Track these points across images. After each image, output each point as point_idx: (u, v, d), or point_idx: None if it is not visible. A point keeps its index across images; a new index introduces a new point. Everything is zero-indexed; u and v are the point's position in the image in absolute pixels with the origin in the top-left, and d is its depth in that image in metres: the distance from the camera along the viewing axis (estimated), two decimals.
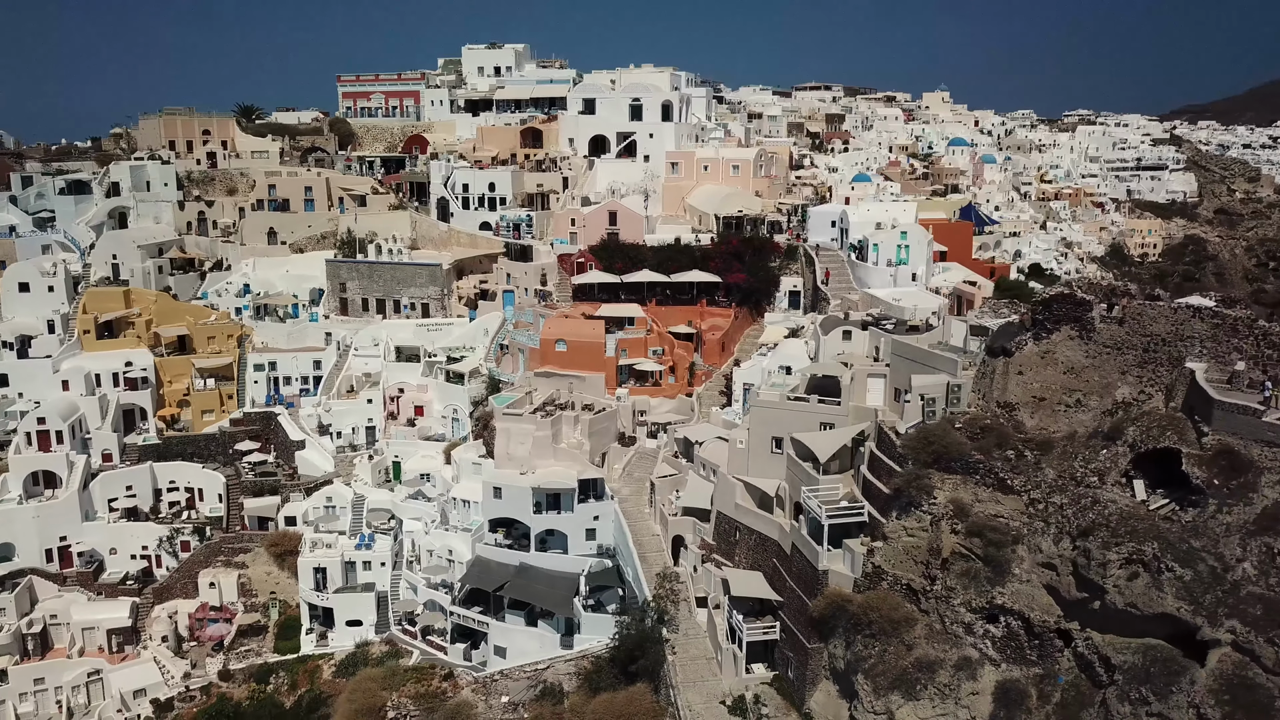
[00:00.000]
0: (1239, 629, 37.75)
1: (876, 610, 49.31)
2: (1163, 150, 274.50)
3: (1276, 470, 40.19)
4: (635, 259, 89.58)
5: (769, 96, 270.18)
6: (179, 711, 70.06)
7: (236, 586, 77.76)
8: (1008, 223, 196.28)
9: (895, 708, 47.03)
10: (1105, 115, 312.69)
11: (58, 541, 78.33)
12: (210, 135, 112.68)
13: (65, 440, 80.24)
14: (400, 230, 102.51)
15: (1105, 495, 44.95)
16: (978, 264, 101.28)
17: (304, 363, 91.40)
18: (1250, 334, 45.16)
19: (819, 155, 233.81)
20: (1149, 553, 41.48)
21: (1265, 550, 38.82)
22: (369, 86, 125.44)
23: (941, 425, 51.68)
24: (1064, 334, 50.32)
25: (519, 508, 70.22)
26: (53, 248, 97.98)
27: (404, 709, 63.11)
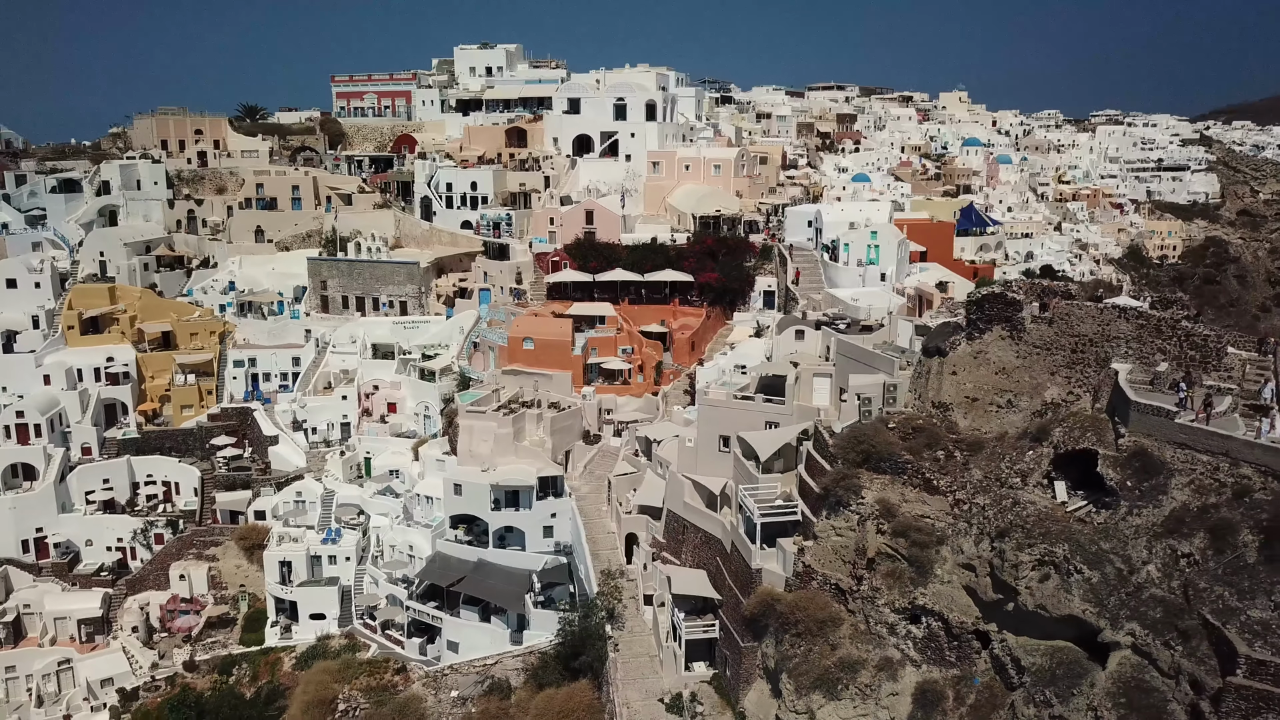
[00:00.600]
0: (1138, 632, 37.42)
1: (803, 610, 49.32)
2: (1191, 150, 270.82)
3: (1186, 473, 39.78)
4: (610, 258, 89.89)
5: (780, 96, 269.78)
6: (143, 701, 71.16)
7: (206, 579, 78.89)
8: (1019, 224, 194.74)
9: (816, 707, 47.00)
10: (1134, 115, 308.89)
11: (34, 533, 79.94)
12: (203, 135, 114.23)
13: (44, 433, 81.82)
14: (384, 229, 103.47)
15: (1025, 497, 44.69)
16: (959, 265, 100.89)
17: (283, 359, 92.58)
18: (1174, 335, 44.72)
19: (829, 155, 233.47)
20: (1059, 554, 41.24)
21: (1169, 553, 38.45)
22: (362, 87, 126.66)
23: (873, 425, 51.59)
24: (996, 334, 50.05)
25: (478, 504, 70.78)
26: (43, 245, 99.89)
27: (354, 702, 63.83)
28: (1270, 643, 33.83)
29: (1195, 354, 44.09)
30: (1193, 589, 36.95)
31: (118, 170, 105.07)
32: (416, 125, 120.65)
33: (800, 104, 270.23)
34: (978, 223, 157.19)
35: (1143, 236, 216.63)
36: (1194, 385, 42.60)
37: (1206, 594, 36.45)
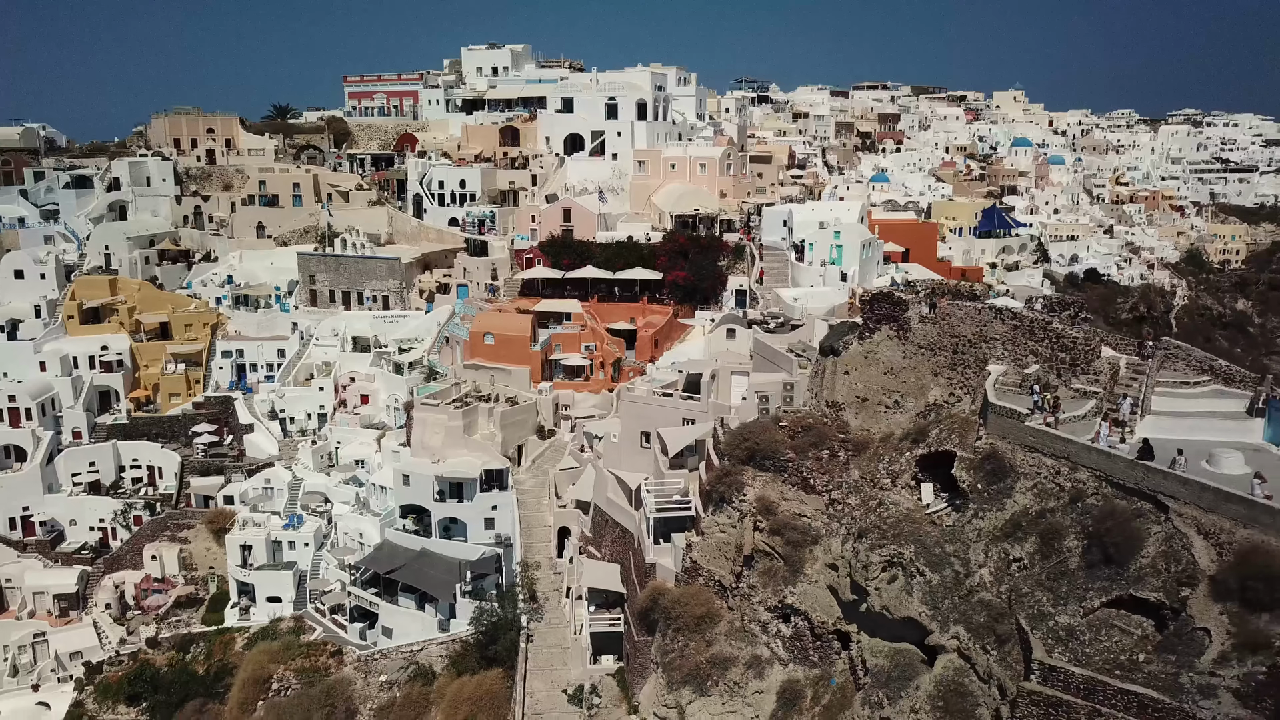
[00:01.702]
0: (962, 635, 37.06)
1: (684, 606, 49.65)
2: (1275, 151, 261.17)
3: (1032, 476, 39.19)
4: (583, 255, 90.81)
5: (823, 96, 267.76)
6: (106, 675, 74.14)
7: (178, 560, 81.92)
8: (1064, 226, 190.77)
9: (685, 702, 47.30)
10: (1215, 115, 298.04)
11: (20, 511, 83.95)
12: (215, 133, 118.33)
13: (34, 417, 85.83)
14: (378, 225, 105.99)
15: (891, 498, 44.37)
16: (943, 266, 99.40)
17: (269, 351, 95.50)
18: (1045, 336, 43.92)
19: (868, 155, 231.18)
20: (906, 556, 40.94)
21: (1003, 556, 37.96)
22: (372, 86, 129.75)
23: (762, 423, 51.58)
24: (884, 334, 49.65)
25: (423, 495, 72.17)
26: (54, 238, 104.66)
27: (286, 682, 65.87)
28: (1071, 649, 33.34)
29: (1065, 356, 43.26)
30: (1016, 594, 36.49)
31: (127, 167, 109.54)
32: (421, 124, 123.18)
33: (843, 104, 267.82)
34: (1000, 224, 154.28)
35: (1204, 240, 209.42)
36: (1050, 388, 41.91)
37: (1027, 599, 36.05)
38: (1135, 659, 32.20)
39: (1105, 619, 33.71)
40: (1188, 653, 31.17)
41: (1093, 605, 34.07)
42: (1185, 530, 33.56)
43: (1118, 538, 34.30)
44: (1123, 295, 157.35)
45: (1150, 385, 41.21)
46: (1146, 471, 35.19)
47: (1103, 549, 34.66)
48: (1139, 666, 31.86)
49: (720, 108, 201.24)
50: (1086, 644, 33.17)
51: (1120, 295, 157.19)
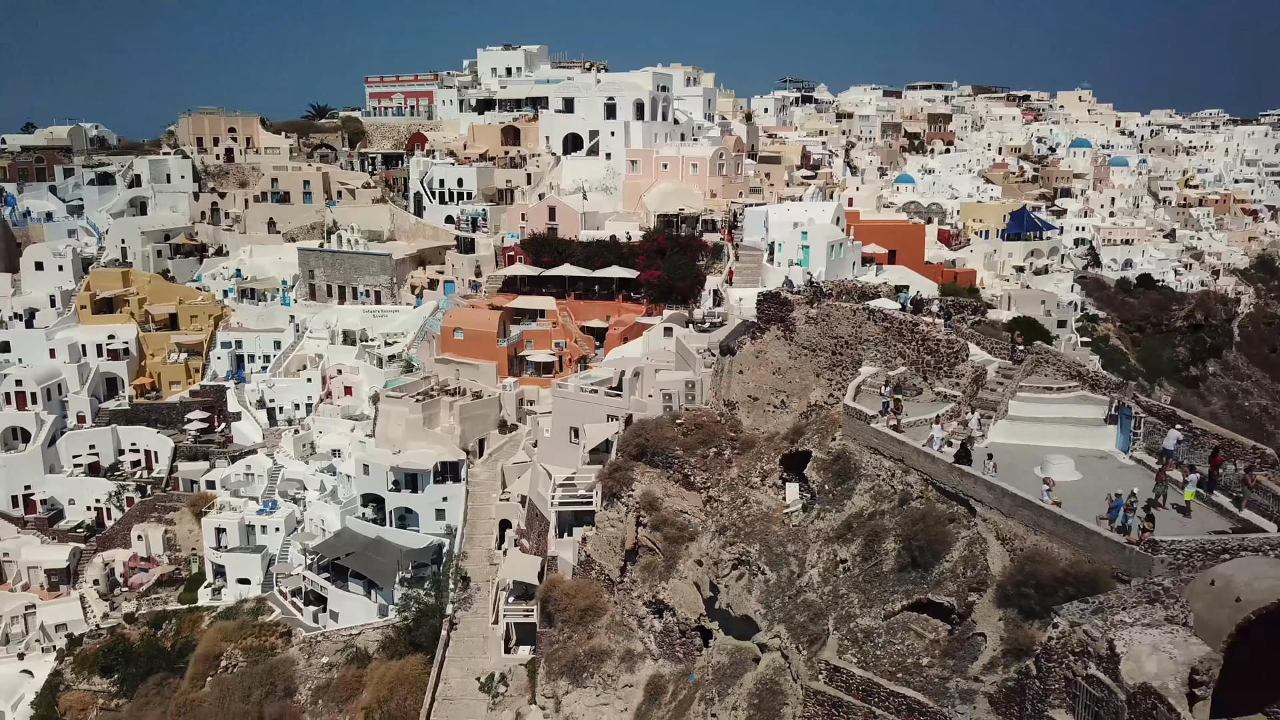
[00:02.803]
0: (783, 634, 37.14)
1: (571, 598, 50.60)
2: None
3: (872, 477, 39.01)
4: (564, 253, 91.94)
5: (873, 96, 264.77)
6: (85, 646, 78.07)
7: (162, 540, 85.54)
8: (1119, 230, 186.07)
9: (562, 693, 48.18)
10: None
11: (22, 489, 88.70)
12: (236, 132, 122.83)
13: (39, 401, 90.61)
14: (380, 223, 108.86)
15: (756, 496, 44.54)
16: (931, 268, 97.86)
17: (265, 342, 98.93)
18: (912, 338, 43.50)
19: (914, 156, 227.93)
20: (752, 554, 41.13)
21: (831, 558, 37.91)
22: (391, 87, 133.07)
23: (659, 420, 52.04)
24: (773, 334, 49.65)
25: (380, 484, 74.43)
26: (77, 232, 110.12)
27: (234, 659, 68.60)
28: (865, 651, 33.32)
29: (930, 359, 42.83)
30: (835, 594, 36.50)
31: (148, 165, 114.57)
32: (435, 124, 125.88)
33: (894, 104, 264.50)
34: (1029, 226, 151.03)
35: (1277, 245, 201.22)
36: (903, 390, 41.61)
37: (844, 600, 36.00)
38: (920, 662, 32.00)
39: (903, 622, 33.51)
40: (965, 658, 30.92)
41: (894, 608, 33.88)
42: (986, 535, 33.20)
43: (923, 541, 34.07)
44: (1178, 302, 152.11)
45: (1012, 390, 40.54)
46: (961, 476, 34.85)
47: (911, 552, 34.45)
48: (921, 670, 31.66)
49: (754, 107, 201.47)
50: (880, 646, 33.06)
51: (1175, 302, 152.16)
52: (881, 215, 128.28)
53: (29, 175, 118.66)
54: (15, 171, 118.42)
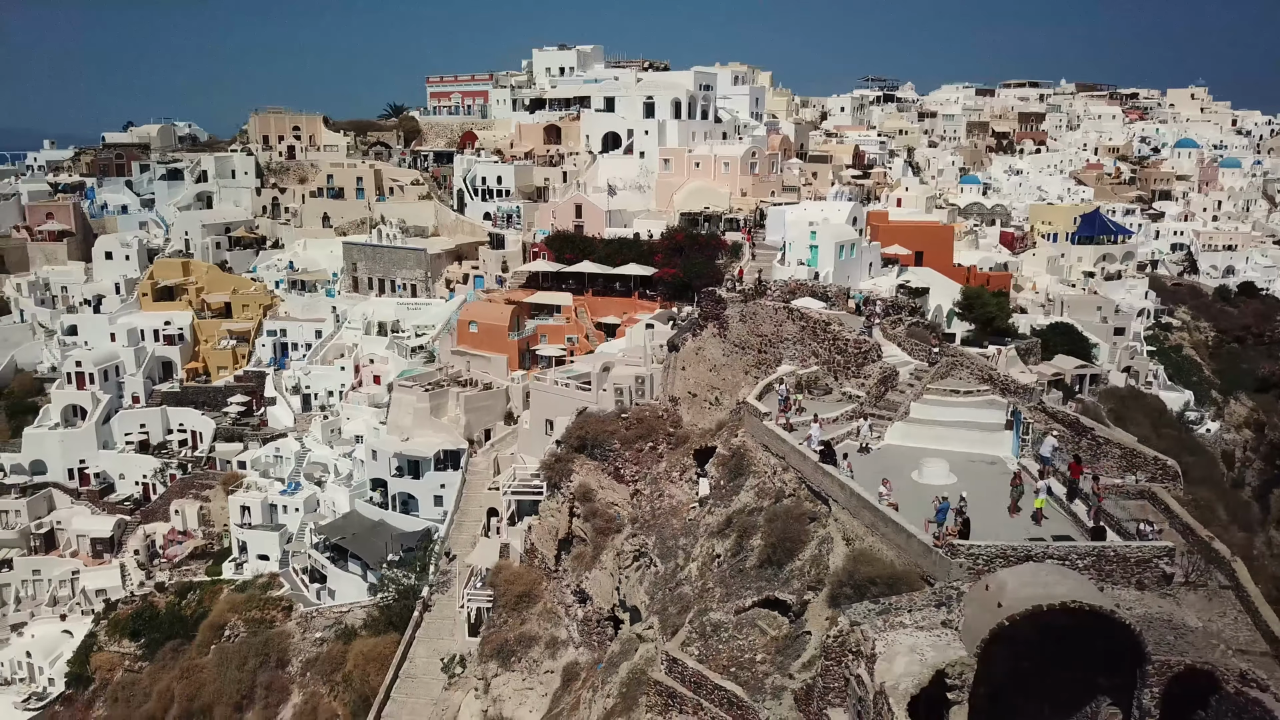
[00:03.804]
0: (656, 625, 37.66)
1: (510, 584, 51.89)
2: None
3: (759, 474, 39.12)
4: (585, 250, 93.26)
5: (963, 95, 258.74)
6: (118, 611, 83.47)
7: (197, 516, 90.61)
8: (1220, 235, 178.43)
9: (491, 675, 49.62)
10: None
11: (78, 463, 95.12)
12: (300, 130, 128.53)
13: (96, 381, 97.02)
14: (425, 218, 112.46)
15: (670, 490, 45.02)
16: (959, 270, 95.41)
17: (308, 331, 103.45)
18: (825, 338, 43.23)
19: (1001, 156, 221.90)
20: (649, 546, 41.66)
21: (709, 552, 38.21)
22: (450, 87, 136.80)
23: (603, 414, 52.85)
24: (710, 332, 49.91)
25: (385, 470, 77.36)
26: (148, 224, 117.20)
27: (236, 629, 72.43)
28: (710, 644, 33.67)
29: (840, 358, 42.55)
30: (704, 588, 36.88)
31: (214, 161, 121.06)
32: (488, 123, 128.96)
33: (984, 102, 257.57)
34: (1101, 230, 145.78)
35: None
36: (803, 389, 41.47)
37: (709, 594, 36.37)
38: (754, 658, 32.17)
39: (751, 618, 33.68)
40: (791, 655, 30.99)
41: (745, 604, 34.06)
42: (834, 535, 33.09)
43: (775, 538, 34.15)
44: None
45: (916, 393, 40.02)
46: (823, 475, 34.75)
47: (770, 549, 34.56)
48: (753, 665, 31.85)
49: (830, 106, 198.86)
50: (724, 640, 33.33)
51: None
52: (932, 216, 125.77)
53: (109, 171, 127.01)
54: (97, 167, 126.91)
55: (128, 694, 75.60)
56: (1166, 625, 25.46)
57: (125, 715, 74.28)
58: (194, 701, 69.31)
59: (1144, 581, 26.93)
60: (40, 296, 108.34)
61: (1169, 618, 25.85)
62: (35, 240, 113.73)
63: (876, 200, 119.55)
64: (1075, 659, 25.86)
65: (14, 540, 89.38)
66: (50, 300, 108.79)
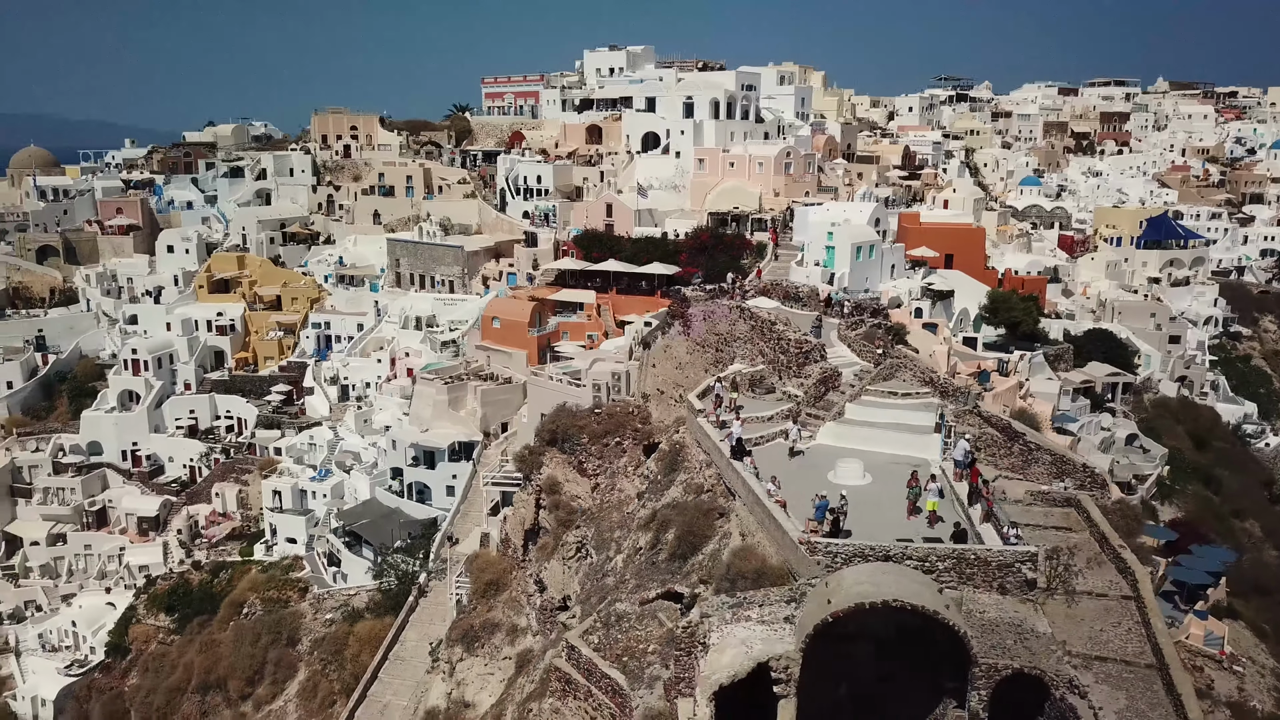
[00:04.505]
0: (579, 614, 38.42)
1: (481, 572, 53.28)
2: None
3: (689, 470, 39.58)
4: (612, 249, 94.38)
5: (1046, 93, 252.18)
6: (157, 586, 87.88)
7: (236, 499, 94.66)
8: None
9: (456, 659, 51.03)
10: None
11: (131, 446, 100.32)
12: (358, 130, 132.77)
13: (149, 368, 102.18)
14: (469, 216, 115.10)
15: (621, 484, 45.72)
16: (992, 274, 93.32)
17: (350, 324, 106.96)
18: (771, 337, 43.33)
19: (1079, 157, 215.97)
20: (589, 538, 42.46)
21: (634, 544, 38.85)
22: (504, 87, 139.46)
23: (575, 409, 53.77)
24: (676, 330, 50.39)
25: (402, 459, 79.85)
26: (209, 220, 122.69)
27: (254, 608, 75.64)
28: (610, 634, 34.37)
29: (783, 358, 42.65)
30: (622, 579, 37.59)
31: (273, 159, 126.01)
32: (537, 123, 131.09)
33: (1067, 101, 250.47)
34: (1168, 234, 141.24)
35: None
36: (755, 388, 41.68)
37: (623, 586, 37.07)
38: (648, 648, 32.70)
39: (653, 610, 34.18)
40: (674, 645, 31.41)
41: (649, 596, 34.59)
42: (733, 530, 33.43)
43: (682, 531, 34.61)
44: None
45: (853, 394, 39.93)
46: (732, 472, 35.07)
47: (678, 543, 35.04)
48: (645, 655, 32.40)
49: (899, 106, 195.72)
50: (624, 630, 33.90)
51: None
52: (982, 218, 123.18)
53: (178, 168, 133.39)
54: (167, 165, 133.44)
55: (158, 664, 79.61)
56: (1012, 630, 25.18)
57: (154, 684, 78.21)
58: (210, 674, 72.71)
59: (1006, 586, 26.61)
60: (107, 287, 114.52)
61: (1019, 623, 25.54)
62: (105, 234, 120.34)
63: (920, 202, 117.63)
64: (928, 661, 25.84)
65: (68, 516, 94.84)
66: (116, 291, 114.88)
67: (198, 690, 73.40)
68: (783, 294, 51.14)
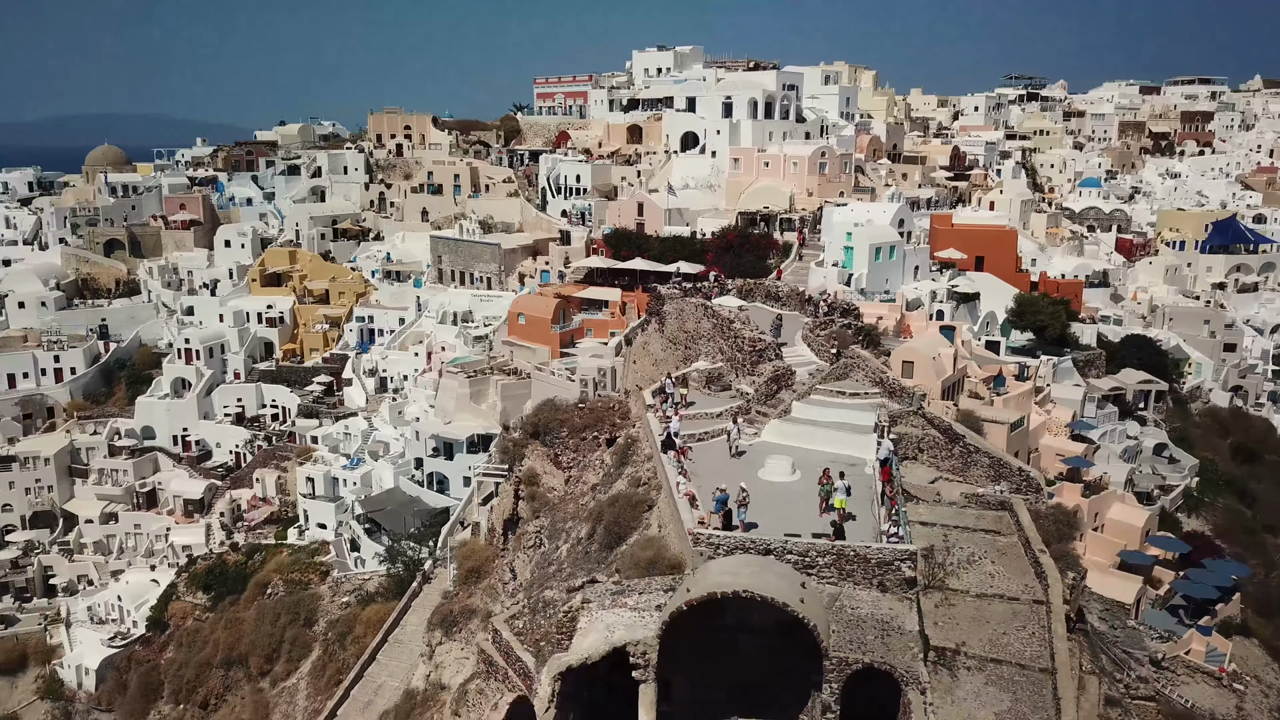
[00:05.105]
0: (523, 601, 39.44)
1: (466, 559, 54.77)
2: None
3: (636, 464, 40.30)
4: (640, 247, 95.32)
5: (1127, 91, 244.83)
6: (197, 565, 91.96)
7: (275, 484, 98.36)
8: None
9: (435, 643, 52.52)
10: None
11: (182, 431, 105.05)
12: (411, 129, 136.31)
13: (201, 358, 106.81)
14: (512, 214, 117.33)
15: (587, 476, 46.65)
16: (1023, 277, 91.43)
17: (392, 318, 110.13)
18: (729, 336, 43.73)
19: (1156, 159, 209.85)
20: (545, 528, 43.49)
21: (578, 535, 39.74)
22: (554, 88, 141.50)
23: (559, 402, 54.86)
24: (653, 327, 51.06)
25: (423, 450, 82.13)
26: (267, 216, 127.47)
27: (277, 589, 78.67)
28: (535, 620, 35.39)
29: (739, 355, 43.05)
30: (561, 568, 38.58)
31: (327, 158, 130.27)
32: (584, 123, 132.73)
33: (1147, 100, 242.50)
34: (1235, 238, 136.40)
35: None
36: (710, 385, 42.21)
37: (560, 573, 38.07)
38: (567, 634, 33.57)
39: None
40: None
41: (575, 584, 35.44)
42: (654, 522, 34.09)
43: (611, 521, 35.41)
44: None
45: (801, 393, 40.20)
46: (661, 466, 35.68)
47: (607, 533, 35.86)
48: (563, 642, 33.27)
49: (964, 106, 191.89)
50: (548, 616, 34.80)
51: None
52: (1031, 221, 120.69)
53: (240, 166, 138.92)
54: (230, 163, 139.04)
55: (191, 640, 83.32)
56: (877, 627, 25.34)
57: (187, 658, 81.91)
58: (233, 650, 75.92)
59: (885, 584, 26.73)
60: (167, 279, 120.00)
61: (888, 620, 25.66)
62: (169, 229, 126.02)
63: (965, 203, 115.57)
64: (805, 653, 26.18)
65: (121, 496, 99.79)
66: (176, 283, 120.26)
67: (222, 665, 76.69)
68: (764, 294, 51.39)
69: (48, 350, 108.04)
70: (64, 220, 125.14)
